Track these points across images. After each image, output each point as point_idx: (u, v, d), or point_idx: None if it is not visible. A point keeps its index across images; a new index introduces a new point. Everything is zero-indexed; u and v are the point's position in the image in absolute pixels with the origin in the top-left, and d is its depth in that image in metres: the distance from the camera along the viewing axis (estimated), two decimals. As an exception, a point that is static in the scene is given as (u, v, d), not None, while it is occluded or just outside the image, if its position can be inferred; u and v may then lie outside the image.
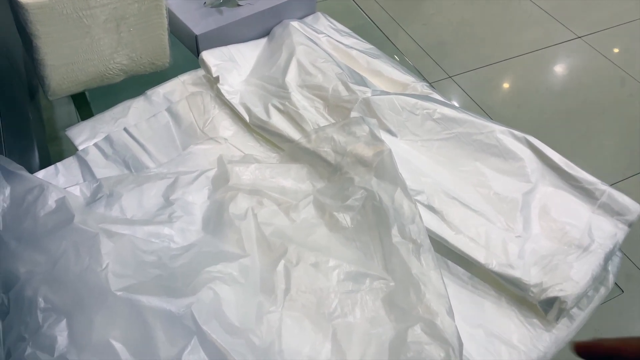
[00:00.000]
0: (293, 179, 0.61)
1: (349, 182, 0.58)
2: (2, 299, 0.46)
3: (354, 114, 0.66)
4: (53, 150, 0.80)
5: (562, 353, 0.54)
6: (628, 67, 1.64)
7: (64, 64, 0.66)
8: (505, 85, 1.62)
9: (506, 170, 0.64)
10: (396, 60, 0.81)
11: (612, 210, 0.61)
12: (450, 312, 0.48)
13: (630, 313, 1.02)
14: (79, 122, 0.71)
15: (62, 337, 0.42)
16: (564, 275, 0.55)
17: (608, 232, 0.59)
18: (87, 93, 0.79)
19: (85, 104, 0.81)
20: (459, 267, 0.59)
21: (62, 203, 0.51)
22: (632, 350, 0.27)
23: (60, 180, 0.62)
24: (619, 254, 0.61)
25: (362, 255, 0.54)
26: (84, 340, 0.42)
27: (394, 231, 0.53)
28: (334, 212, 0.56)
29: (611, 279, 0.59)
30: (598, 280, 0.57)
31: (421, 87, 0.74)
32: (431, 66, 1.61)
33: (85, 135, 0.67)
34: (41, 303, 0.44)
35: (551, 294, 0.53)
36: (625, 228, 0.60)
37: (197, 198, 0.58)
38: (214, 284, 0.47)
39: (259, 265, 0.52)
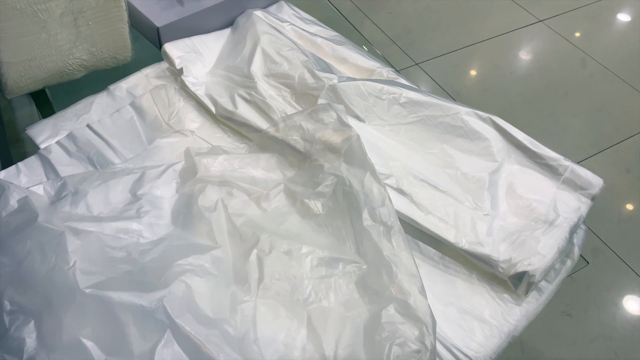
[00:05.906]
0: (263, 169, 0.61)
1: (319, 169, 0.58)
2: (-34, 304, 0.45)
3: (321, 101, 0.66)
4: (15, 152, 0.77)
5: (532, 325, 0.56)
6: (588, 49, 1.68)
7: (20, 60, 0.63)
8: (471, 71, 1.64)
9: (472, 150, 0.65)
10: (364, 49, 0.81)
11: (575, 185, 0.63)
12: (423, 291, 0.49)
13: (597, 285, 1.05)
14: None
15: (30, 339, 0.41)
16: (531, 250, 0.56)
17: (572, 206, 0.61)
18: (48, 91, 0.77)
19: (47, 103, 0.78)
20: (429, 248, 0.59)
21: (24, 203, 0.50)
22: None
23: (22, 180, 0.60)
24: (583, 227, 0.63)
25: (335, 240, 0.54)
26: (54, 341, 0.41)
27: (365, 215, 0.53)
28: (305, 200, 0.57)
29: (576, 251, 0.61)
30: (564, 253, 0.59)
31: (387, 73, 0.74)
32: (398, 54, 1.61)
33: (47, 134, 0.66)
34: (7, 306, 0.43)
35: (520, 268, 0.55)
36: (589, 202, 0.62)
37: (165, 192, 0.57)
38: (185, 276, 0.47)
39: (231, 255, 0.51)
